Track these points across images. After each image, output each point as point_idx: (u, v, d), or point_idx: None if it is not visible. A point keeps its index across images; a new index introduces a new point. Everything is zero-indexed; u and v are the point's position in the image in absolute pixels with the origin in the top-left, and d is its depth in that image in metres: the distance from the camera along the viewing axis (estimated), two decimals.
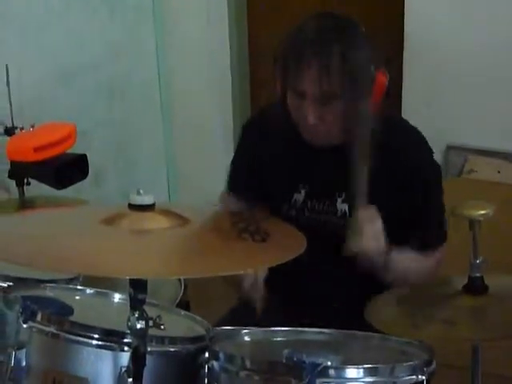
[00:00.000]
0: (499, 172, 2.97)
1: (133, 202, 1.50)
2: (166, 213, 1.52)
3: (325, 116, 1.90)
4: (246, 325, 1.77)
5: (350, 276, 2.00)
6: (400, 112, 3.01)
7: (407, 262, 1.97)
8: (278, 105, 1.99)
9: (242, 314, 2.08)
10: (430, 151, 2.04)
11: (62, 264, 1.42)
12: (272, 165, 2.10)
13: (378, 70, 1.90)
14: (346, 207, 2.02)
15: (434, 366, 1.59)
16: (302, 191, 2.06)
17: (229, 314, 2.19)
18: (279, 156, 2.09)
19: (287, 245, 1.54)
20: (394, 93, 2.15)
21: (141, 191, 1.51)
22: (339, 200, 2.03)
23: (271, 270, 1.88)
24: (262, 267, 1.69)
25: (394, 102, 2.35)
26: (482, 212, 1.71)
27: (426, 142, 2.04)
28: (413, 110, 2.13)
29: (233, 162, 2.25)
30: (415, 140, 2.04)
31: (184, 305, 2.17)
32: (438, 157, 2.10)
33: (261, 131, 2.12)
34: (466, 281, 1.74)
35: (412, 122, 2.07)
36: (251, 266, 1.47)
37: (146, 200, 1.50)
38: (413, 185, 2.00)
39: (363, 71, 1.87)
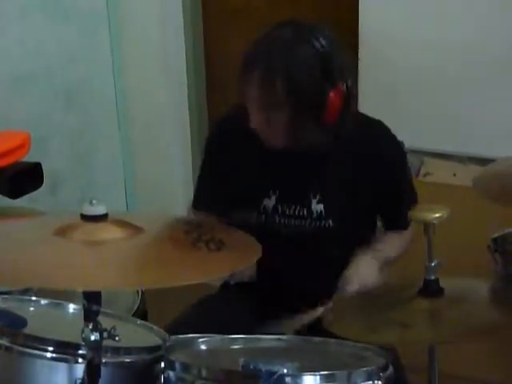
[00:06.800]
0: (455, 175, 3.00)
1: (85, 213, 1.49)
2: (119, 223, 1.51)
3: (270, 122, 1.93)
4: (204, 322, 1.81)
5: (325, 277, 2.03)
6: None
7: (391, 250, 2.09)
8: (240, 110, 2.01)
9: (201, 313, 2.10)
10: (393, 135, 2.10)
11: (14, 277, 1.40)
12: (240, 172, 2.10)
13: (334, 87, 1.90)
14: (321, 207, 2.04)
15: (390, 370, 1.59)
16: (273, 196, 2.07)
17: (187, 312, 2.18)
18: (247, 162, 2.10)
19: (242, 253, 1.54)
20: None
21: (93, 201, 1.49)
22: (314, 201, 2.04)
23: None
24: (217, 277, 1.69)
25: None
26: (437, 215, 1.73)
27: (387, 127, 2.09)
28: (369, 113, 2.14)
29: (199, 177, 2.26)
30: (378, 127, 2.09)
31: (142, 313, 2.15)
32: None
33: (227, 139, 2.13)
34: (421, 284, 1.75)
35: None
36: (207, 276, 1.46)
37: (99, 210, 1.49)
38: (386, 167, 2.05)
39: (308, 87, 1.89)
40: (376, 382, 1.54)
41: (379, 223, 2.20)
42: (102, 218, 1.49)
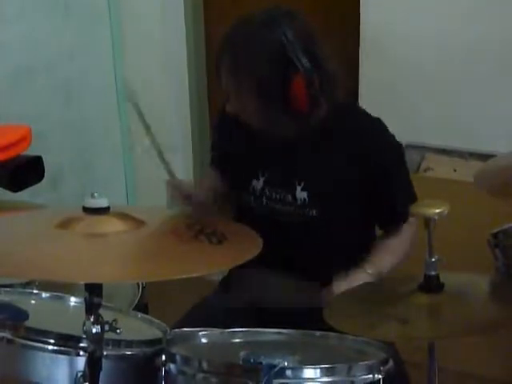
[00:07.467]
0: (455, 170, 3.00)
1: (87, 206, 1.49)
2: (121, 216, 1.52)
3: (243, 108, 1.99)
4: (207, 322, 1.79)
5: (312, 265, 2.05)
6: None
7: (388, 259, 2.07)
8: None
9: (203, 312, 2.10)
10: (386, 129, 2.07)
11: (16, 270, 1.41)
12: (235, 152, 2.15)
13: (298, 75, 1.90)
14: (305, 195, 2.04)
15: (390, 364, 1.60)
16: (261, 178, 2.08)
17: (190, 313, 2.18)
18: (242, 144, 2.12)
19: (244, 247, 1.54)
20: (350, 90, 2.18)
21: (95, 194, 1.50)
22: (298, 188, 2.04)
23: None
24: (219, 270, 1.69)
25: (351, 98, 2.35)
26: (437, 211, 1.72)
27: (382, 122, 2.07)
28: (370, 108, 2.14)
29: (212, 141, 2.35)
30: (371, 121, 2.07)
31: (142, 306, 2.16)
32: None
33: (228, 120, 2.13)
34: (421, 279, 1.76)
35: None
36: (208, 269, 1.47)
37: (101, 203, 1.49)
38: (377, 160, 2.03)
39: (269, 76, 1.91)
40: (376, 375, 1.55)
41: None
42: (104, 210, 1.50)
